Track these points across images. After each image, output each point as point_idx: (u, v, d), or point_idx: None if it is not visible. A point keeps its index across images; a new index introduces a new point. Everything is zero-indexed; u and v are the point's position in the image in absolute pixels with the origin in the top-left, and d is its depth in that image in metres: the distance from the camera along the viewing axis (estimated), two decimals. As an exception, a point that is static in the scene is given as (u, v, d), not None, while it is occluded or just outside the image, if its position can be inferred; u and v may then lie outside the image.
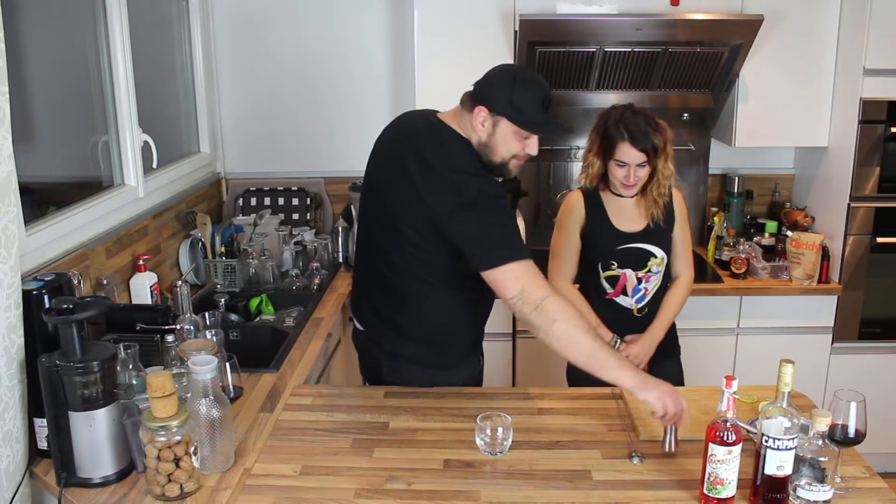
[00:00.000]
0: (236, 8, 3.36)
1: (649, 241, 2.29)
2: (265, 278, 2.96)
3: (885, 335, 3.14)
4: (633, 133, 2.14)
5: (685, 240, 2.37)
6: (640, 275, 2.30)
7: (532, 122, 1.89)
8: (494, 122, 1.90)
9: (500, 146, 1.92)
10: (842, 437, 1.59)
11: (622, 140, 2.16)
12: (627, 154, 2.16)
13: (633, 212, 2.30)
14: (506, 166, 1.96)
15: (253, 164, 3.51)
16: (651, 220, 2.28)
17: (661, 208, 2.27)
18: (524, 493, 1.59)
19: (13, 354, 1.64)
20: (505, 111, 1.88)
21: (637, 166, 2.18)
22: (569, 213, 2.33)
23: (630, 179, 2.19)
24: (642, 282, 2.30)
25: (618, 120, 2.17)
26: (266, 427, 1.86)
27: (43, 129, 2.26)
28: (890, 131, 2.95)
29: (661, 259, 2.30)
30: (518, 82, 1.89)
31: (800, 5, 3.02)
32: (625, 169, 2.18)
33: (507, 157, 1.93)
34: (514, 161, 1.96)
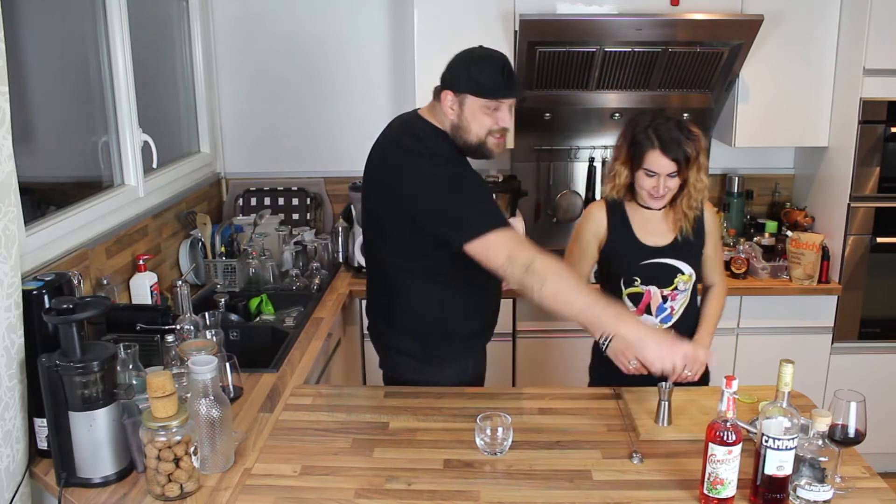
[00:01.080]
0: (236, 8, 3.36)
1: (676, 257, 2.13)
2: (265, 278, 2.96)
3: (885, 335, 3.14)
4: (664, 140, 2.00)
5: (718, 254, 2.24)
6: (666, 293, 2.14)
7: (493, 90, 1.92)
8: (461, 102, 1.94)
9: (471, 125, 1.95)
10: (842, 437, 1.59)
11: (652, 148, 2.01)
12: (657, 163, 2.02)
13: (660, 225, 2.16)
14: (484, 146, 1.98)
15: (253, 164, 3.51)
16: (679, 233, 2.14)
17: (690, 222, 2.13)
18: (524, 493, 1.59)
19: (13, 354, 1.64)
20: (467, 88, 1.92)
21: (667, 176, 2.03)
22: (588, 224, 2.20)
23: (659, 190, 2.04)
24: (668, 300, 2.15)
25: (647, 126, 2.04)
26: (266, 427, 1.86)
27: (43, 129, 2.26)
28: (890, 131, 2.95)
29: (689, 276, 2.15)
30: (475, 59, 1.96)
31: (800, 5, 3.02)
32: (654, 179, 2.04)
33: (481, 134, 1.96)
34: (492, 139, 1.97)
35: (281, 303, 2.79)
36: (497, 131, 1.97)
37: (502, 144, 2.01)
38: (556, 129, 3.44)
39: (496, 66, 1.93)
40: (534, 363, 3.11)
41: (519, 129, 3.17)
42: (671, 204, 2.13)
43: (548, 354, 3.09)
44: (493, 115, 1.95)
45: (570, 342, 3.07)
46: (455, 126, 1.97)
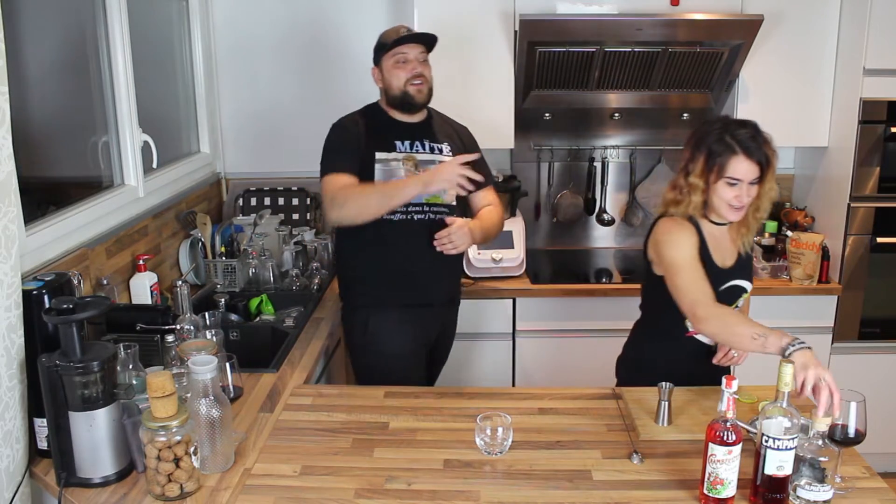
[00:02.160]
0: (236, 8, 3.36)
1: (742, 276, 2.01)
2: (265, 278, 2.96)
3: (885, 335, 3.14)
4: (745, 145, 1.86)
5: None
6: None
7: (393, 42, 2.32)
8: (380, 69, 2.38)
9: (391, 81, 2.35)
10: (842, 437, 1.59)
11: (734, 154, 1.86)
12: (740, 169, 1.86)
13: (727, 242, 2.02)
14: (407, 94, 2.35)
15: (253, 164, 3.51)
16: (742, 248, 2.02)
17: (753, 234, 2.01)
18: (524, 493, 1.59)
19: (13, 354, 1.64)
20: (377, 55, 2.38)
21: (749, 184, 1.88)
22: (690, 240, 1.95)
23: (742, 199, 1.89)
24: None
25: (722, 132, 1.89)
26: (266, 427, 1.86)
27: (43, 129, 2.26)
28: (890, 131, 2.95)
29: (749, 293, 2.06)
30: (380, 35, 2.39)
31: (800, 5, 3.02)
32: (736, 188, 1.88)
33: (400, 85, 2.34)
34: (412, 87, 2.34)
35: (281, 303, 2.79)
36: (412, 79, 2.33)
37: (424, 90, 2.36)
38: (556, 129, 3.44)
39: (395, 28, 2.36)
40: (534, 363, 3.11)
41: (519, 129, 3.17)
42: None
43: (548, 354, 3.09)
44: (405, 67, 2.33)
45: (571, 342, 3.07)
46: (384, 90, 2.40)
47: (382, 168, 2.34)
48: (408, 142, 2.39)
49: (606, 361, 3.04)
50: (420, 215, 2.36)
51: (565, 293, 3.03)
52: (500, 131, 3.13)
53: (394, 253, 2.36)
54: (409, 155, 2.38)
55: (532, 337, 3.09)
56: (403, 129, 2.41)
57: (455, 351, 2.99)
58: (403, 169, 2.35)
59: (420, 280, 2.40)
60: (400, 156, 2.37)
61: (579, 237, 3.59)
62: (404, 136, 2.40)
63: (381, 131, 2.39)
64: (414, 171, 2.35)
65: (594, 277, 3.34)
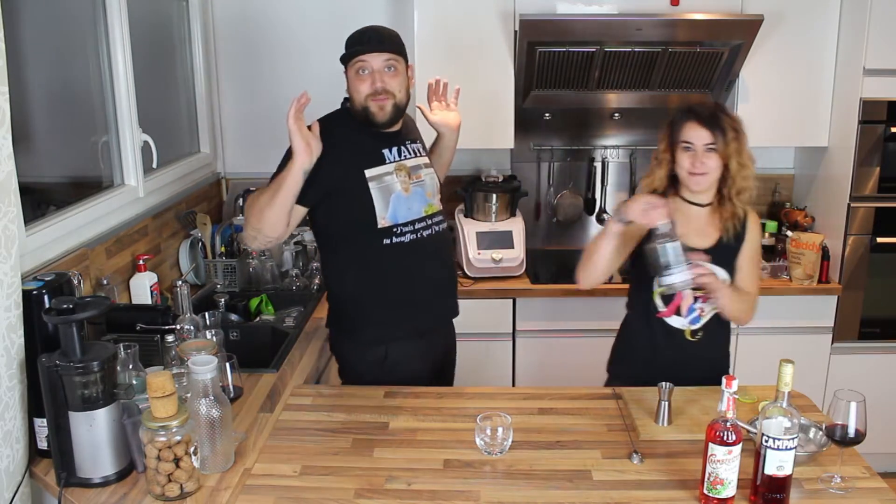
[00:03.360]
0: (236, 8, 3.36)
1: (715, 261, 2.02)
2: (265, 278, 2.96)
3: (885, 335, 3.14)
4: (699, 113, 1.97)
5: (755, 266, 2.11)
6: (698, 294, 2.04)
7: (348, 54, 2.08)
8: (346, 77, 2.13)
9: (353, 94, 2.11)
10: (842, 437, 1.59)
11: (687, 120, 1.98)
12: (692, 133, 1.96)
13: (702, 225, 2.07)
14: (367, 111, 2.09)
15: (253, 164, 3.50)
16: (725, 234, 2.04)
17: (737, 222, 2.04)
18: (524, 493, 1.59)
19: (13, 354, 1.64)
20: (341, 59, 2.12)
21: (705, 151, 1.95)
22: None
23: (697, 166, 1.96)
24: (698, 301, 2.05)
25: (687, 108, 2.02)
26: (266, 427, 1.86)
27: (43, 129, 2.26)
28: (890, 131, 2.95)
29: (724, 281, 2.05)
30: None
31: (800, 5, 3.02)
32: (691, 153, 1.97)
33: (361, 101, 2.09)
34: (373, 103, 2.08)
35: (281, 303, 2.79)
36: (373, 94, 2.06)
37: (387, 107, 2.09)
38: (556, 129, 3.44)
39: (360, 31, 2.11)
40: (534, 363, 3.11)
41: (519, 129, 3.17)
42: (718, 202, 2.05)
43: (548, 354, 3.09)
44: (365, 80, 2.06)
45: (571, 342, 3.07)
46: (349, 101, 2.15)
47: (377, 186, 2.09)
48: (394, 148, 2.16)
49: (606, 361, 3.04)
50: (427, 231, 2.18)
51: (565, 293, 3.03)
52: (500, 131, 3.13)
53: (408, 278, 2.16)
54: (399, 164, 2.15)
55: (532, 337, 3.09)
56: (387, 135, 2.16)
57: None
58: (399, 181, 2.12)
59: (434, 299, 2.25)
60: (391, 167, 2.13)
61: (579, 237, 3.58)
62: (389, 143, 2.16)
63: (367, 143, 2.13)
64: (408, 180, 2.14)
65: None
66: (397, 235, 2.11)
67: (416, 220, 2.14)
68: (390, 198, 2.10)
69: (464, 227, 3.15)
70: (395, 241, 2.10)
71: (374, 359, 2.18)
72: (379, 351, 2.18)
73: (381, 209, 2.09)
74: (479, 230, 3.13)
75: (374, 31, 2.10)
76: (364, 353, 2.20)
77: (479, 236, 3.10)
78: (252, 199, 2.11)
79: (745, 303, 2.07)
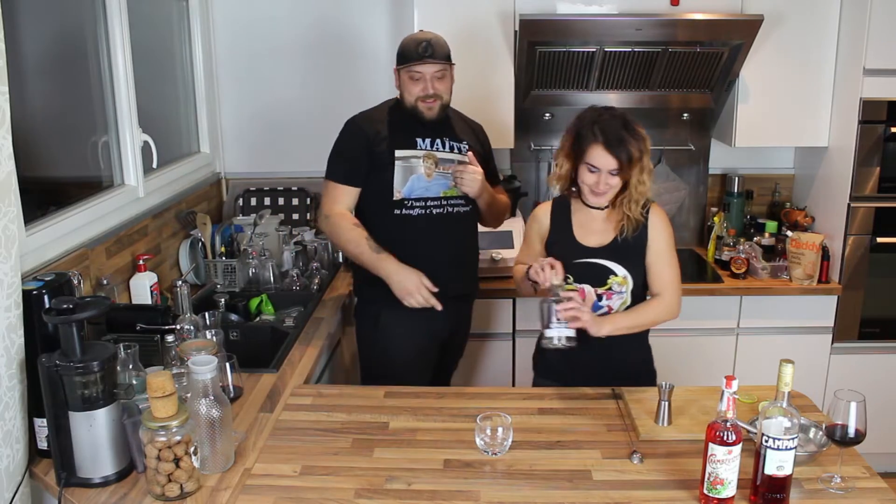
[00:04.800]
0: (236, 8, 3.36)
1: (611, 258, 2.08)
2: (265, 278, 2.95)
3: (885, 335, 3.14)
4: (608, 137, 1.96)
5: (666, 261, 2.11)
6: (601, 291, 2.09)
7: (408, 59, 2.31)
8: (398, 75, 2.38)
9: (404, 93, 2.38)
10: (842, 437, 1.59)
11: (595, 142, 1.98)
12: (599, 158, 1.98)
13: (601, 225, 2.12)
14: (416, 109, 2.36)
15: (253, 164, 3.51)
16: (620, 234, 2.08)
17: (632, 223, 2.07)
18: (524, 493, 1.59)
19: (13, 354, 1.64)
20: (397, 63, 2.36)
21: (608, 174, 1.99)
22: (532, 223, 2.24)
23: (599, 187, 2.01)
24: (603, 298, 2.10)
25: (594, 121, 2.00)
26: (266, 427, 1.86)
27: (43, 129, 2.26)
28: (890, 131, 2.95)
29: (624, 278, 2.08)
30: (405, 39, 2.37)
31: (800, 5, 3.02)
32: (595, 175, 2.00)
33: (412, 100, 2.36)
34: (422, 104, 2.35)
35: (281, 303, 2.79)
36: (424, 97, 2.33)
37: (435, 108, 2.36)
38: (556, 129, 3.44)
39: (416, 41, 2.32)
40: (534, 363, 3.10)
41: (519, 129, 3.17)
42: (613, 206, 2.10)
43: (548, 354, 3.08)
44: (418, 84, 2.33)
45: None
46: (400, 95, 2.40)
47: (402, 165, 2.36)
48: (429, 139, 2.40)
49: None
50: (439, 209, 2.40)
51: (565, 293, 3.02)
52: (500, 131, 3.13)
53: (412, 248, 2.36)
54: (429, 153, 2.39)
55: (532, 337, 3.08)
56: (425, 125, 2.40)
57: (455, 351, 2.99)
58: (423, 166, 2.37)
59: (438, 274, 2.35)
60: (420, 153, 2.38)
61: (579, 237, 3.58)
62: (426, 133, 2.40)
63: (403, 127, 2.40)
64: (434, 168, 2.39)
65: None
66: (407, 208, 2.36)
67: (430, 199, 2.38)
68: (410, 176, 2.37)
69: (464, 227, 3.15)
70: (404, 212, 2.36)
71: (368, 316, 2.45)
72: (372, 311, 2.43)
73: (399, 184, 2.36)
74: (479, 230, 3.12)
75: (429, 44, 2.30)
76: (362, 311, 2.48)
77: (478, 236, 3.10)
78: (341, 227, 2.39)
79: (655, 308, 2.11)
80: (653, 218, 2.11)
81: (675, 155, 3.46)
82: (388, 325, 2.40)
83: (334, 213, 2.38)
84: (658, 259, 2.11)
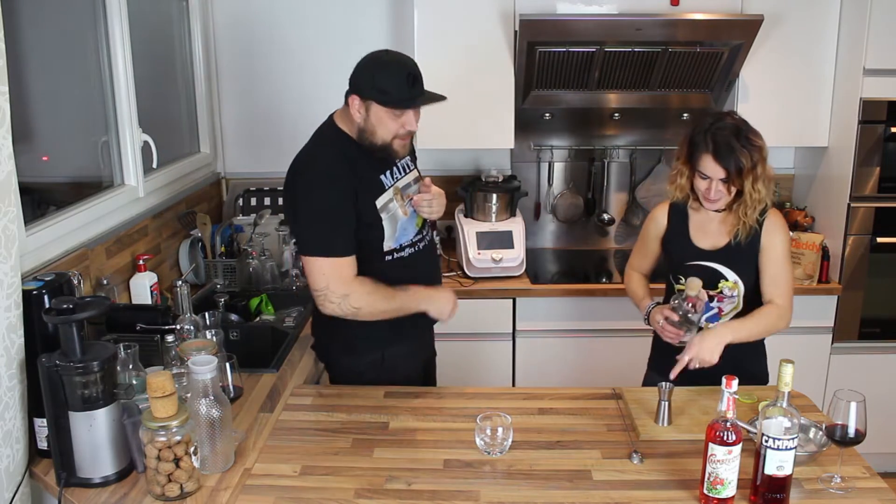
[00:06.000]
0: (236, 8, 3.36)
1: (723, 262, 2.09)
2: (265, 278, 2.96)
3: (885, 335, 3.14)
4: (717, 146, 1.96)
5: (780, 267, 2.08)
6: (712, 293, 2.11)
7: (399, 100, 1.95)
8: (367, 107, 1.98)
9: (377, 129, 1.99)
10: (842, 437, 1.59)
11: (705, 151, 1.98)
12: (708, 167, 1.98)
13: (716, 227, 2.12)
14: (389, 147, 2.02)
15: (253, 164, 3.51)
16: (733, 238, 2.08)
17: (746, 229, 2.05)
18: (524, 493, 1.59)
19: (13, 354, 1.64)
20: (372, 95, 1.96)
21: (720, 181, 1.99)
22: (648, 223, 2.26)
23: (711, 194, 2.01)
24: (714, 300, 2.11)
25: (707, 129, 2.00)
26: (266, 427, 1.86)
27: (43, 129, 2.26)
28: (890, 131, 2.95)
29: (734, 283, 2.09)
30: (381, 65, 1.98)
31: (800, 5, 3.02)
32: (706, 182, 2.01)
33: (387, 138, 2.00)
34: (397, 141, 2.02)
35: (281, 303, 2.79)
36: (404, 134, 2.02)
37: (407, 145, 2.08)
38: (556, 129, 3.44)
39: (402, 74, 1.96)
40: (534, 363, 3.11)
41: (519, 129, 3.17)
42: (731, 208, 2.08)
43: (548, 354, 3.09)
44: (399, 120, 1.99)
45: (571, 342, 3.07)
46: (361, 129, 2.01)
47: (387, 216, 2.07)
48: (388, 171, 2.12)
49: (606, 361, 3.05)
50: (422, 243, 2.21)
51: (565, 293, 3.03)
52: (501, 131, 3.13)
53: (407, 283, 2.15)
54: (394, 187, 2.12)
55: (532, 337, 3.09)
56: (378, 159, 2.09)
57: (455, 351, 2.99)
58: (399, 207, 2.11)
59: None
60: (390, 193, 2.10)
61: (579, 237, 3.59)
62: (383, 167, 2.11)
63: (366, 169, 2.06)
64: (402, 202, 2.13)
65: (594, 277, 3.34)
66: (398, 252, 2.13)
67: (414, 236, 2.17)
68: (397, 225, 2.11)
69: (464, 227, 3.15)
70: (396, 256, 2.13)
71: (371, 361, 2.17)
72: (376, 353, 2.17)
73: (389, 237, 2.10)
74: (479, 230, 3.13)
75: (418, 80, 2.00)
76: (361, 356, 2.18)
77: (478, 236, 3.10)
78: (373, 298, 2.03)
79: (768, 317, 2.05)
80: (768, 223, 2.08)
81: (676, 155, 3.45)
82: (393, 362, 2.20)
83: (354, 288, 2.01)
84: (772, 265, 2.08)
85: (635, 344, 2.43)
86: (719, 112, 2.09)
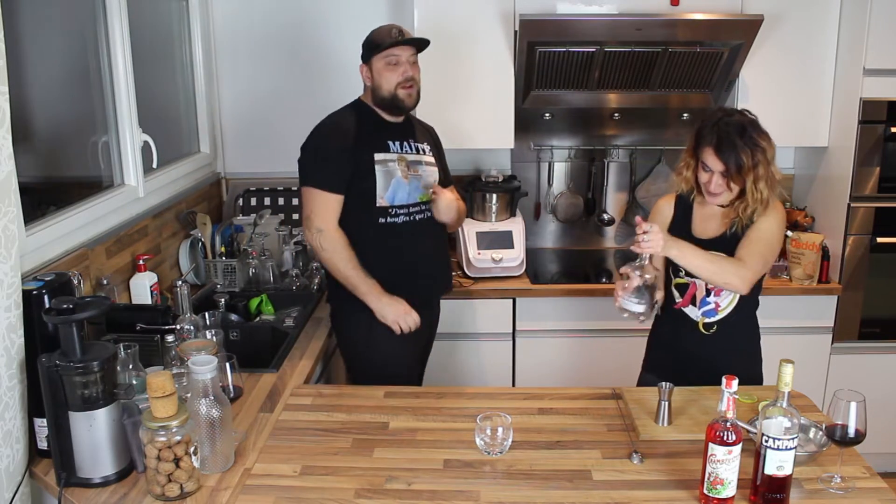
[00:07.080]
0: (236, 8, 3.36)
1: (721, 250, 2.07)
2: (265, 278, 2.96)
3: (885, 335, 3.14)
4: (720, 140, 1.98)
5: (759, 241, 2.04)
6: (710, 286, 2.10)
7: (388, 45, 2.29)
8: (370, 67, 2.34)
9: (381, 82, 2.33)
10: (842, 437, 1.59)
11: (709, 144, 2.00)
12: (709, 159, 2.01)
13: (718, 220, 2.13)
14: (396, 97, 2.33)
15: (253, 164, 3.51)
16: (729, 228, 2.09)
17: (742, 223, 2.07)
18: (524, 493, 1.59)
19: (13, 354, 1.64)
20: (369, 54, 2.33)
21: (720, 174, 2.01)
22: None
23: (712, 187, 2.03)
24: (711, 294, 2.11)
25: (714, 122, 2.01)
26: (266, 427, 1.86)
27: (43, 129, 2.26)
28: (890, 131, 2.95)
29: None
30: (373, 30, 2.36)
31: (800, 5, 3.02)
32: (708, 174, 2.03)
33: (391, 88, 2.32)
34: (402, 90, 2.32)
35: (281, 303, 2.79)
36: (403, 82, 2.31)
37: (413, 94, 2.36)
38: (556, 129, 3.44)
39: (387, 28, 2.32)
40: (534, 363, 3.11)
41: (519, 129, 3.17)
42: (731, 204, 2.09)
43: (548, 354, 3.09)
44: (396, 70, 2.30)
45: (571, 342, 3.07)
46: (373, 90, 2.36)
47: (383, 170, 2.33)
48: (398, 142, 2.40)
49: (606, 361, 3.05)
50: (420, 215, 2.41)
51: (565, 293, 3.03)
52: (500, 131, 3.13)
53: (399, 255, 2.38)
54: (400, 155, 2.38)
55: (532, 337, 3.09)
56: (392, 129, 2.41)
57: (455, 351, 2.99)
58: (399, 169, 2.35)
59: (424, 277, 2.43)
60: (394, 156, 2.37)
61: (579, 237, 3.59)
62: (394, 137, 2.40)
63: (374, 131, 2.38)
64: (406, 170, 2.37)
65: (594, 277, 3.34)
66: (391, 216, 2.34)
67: (411, 205, 2.37)
68: (391, 181, 2.34)
69: (464, 227, 3.15)
70: (389, 220, 2.33)
71: (360, 323, 2.36)
72: (364, 317, 2.35)
73: (382, 189, 2.33)
74: (479, 230, 3.13)
75: (398, 29, 2.32)
76: (357, 321, 2.38)
77: (478, 236, 3.10)
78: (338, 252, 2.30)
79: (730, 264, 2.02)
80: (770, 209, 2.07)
81: (675, 155, 3.43)
82: (383, 331, 2.36)
83: (330, 228, 2.30)
84: (752, 235, 2.05)
85: (635, 344, 2.42)
86: (732, 108, 2.11)
